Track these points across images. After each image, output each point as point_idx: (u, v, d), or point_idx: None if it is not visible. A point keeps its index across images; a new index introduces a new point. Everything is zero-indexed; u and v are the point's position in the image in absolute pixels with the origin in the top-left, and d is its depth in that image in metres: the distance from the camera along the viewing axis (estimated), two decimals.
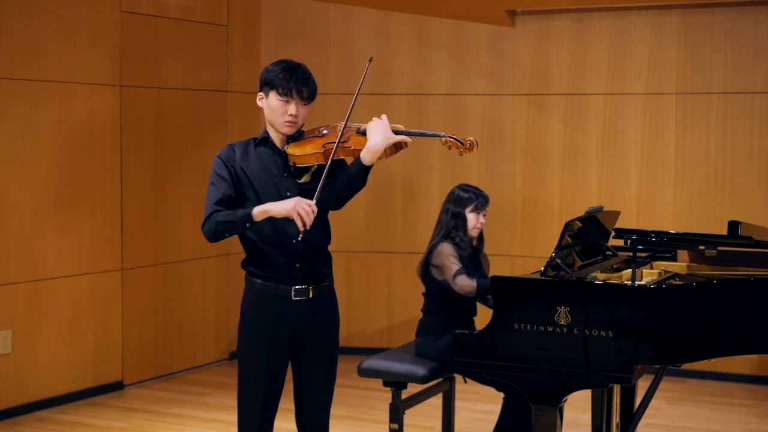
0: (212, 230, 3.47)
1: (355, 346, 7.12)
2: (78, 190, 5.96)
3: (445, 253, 4.54)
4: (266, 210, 3.40)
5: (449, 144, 3.55)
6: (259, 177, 3.52)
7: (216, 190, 3.51)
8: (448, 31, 7.07)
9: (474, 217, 4.65)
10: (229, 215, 3.44)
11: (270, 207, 3.40)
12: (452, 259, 4.52)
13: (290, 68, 3.51)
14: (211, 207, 3.50)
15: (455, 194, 4.70)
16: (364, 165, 3.45)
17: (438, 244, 4.61)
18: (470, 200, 4.65)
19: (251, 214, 3.41)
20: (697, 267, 4.45)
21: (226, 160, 3.54)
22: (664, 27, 6.62)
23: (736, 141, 6.51)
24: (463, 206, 4.64)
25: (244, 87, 7.07)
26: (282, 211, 3.38)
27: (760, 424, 5.64)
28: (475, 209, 4.64)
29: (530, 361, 3.66)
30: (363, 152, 3.45)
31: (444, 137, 3.54)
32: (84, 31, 5.97)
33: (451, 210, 4.67)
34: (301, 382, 3.64)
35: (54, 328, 5.87)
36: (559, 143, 6.88)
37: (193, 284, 6.78)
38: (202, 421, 5.67)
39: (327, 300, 3.63)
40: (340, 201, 3.56)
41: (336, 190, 3.51)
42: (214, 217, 3.47)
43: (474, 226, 4.66)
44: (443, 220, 4.69)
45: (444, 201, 4.76)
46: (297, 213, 3.34)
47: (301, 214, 3.34)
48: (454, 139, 3.53)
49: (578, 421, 5.58)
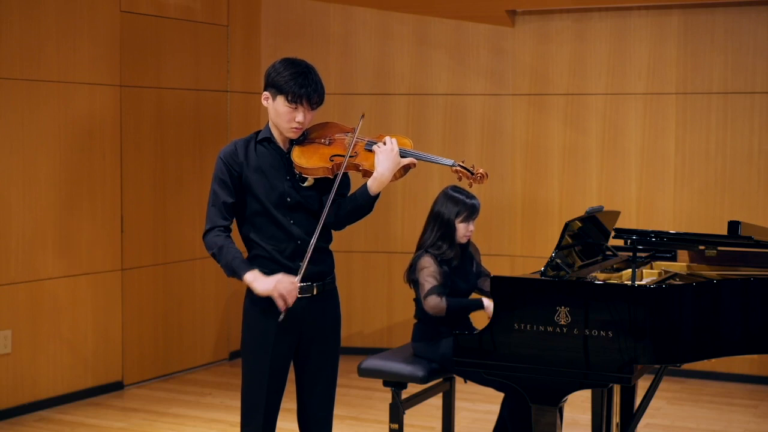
0: (209, 251, 3.52)
1: (355, 346, 7.12)
2: (78, 190, 5.96)
3: (424, 270, 4.48)
4: (251, 283, 3.44)
5: (459, 174, 3.53)
6: (262, 179, 3.51)
7: (216, 197, 3.51)
8: (448, 31, 7.07)
9: (464, 227, 4.56)
10: (224, 256, 3.46)
11: (254, 284, 3.43)
12: (428, 278, 4.45)
13: (301, 74, 3.44)
14: (213, 218, 3.51)
15: (445, 201, 4.59)
16: (371, 195, 3.46)
17: (420, 258, 4.54)
18: (460, 211, 4.54)
19: (241, 277, 3.45)
20: (697, 267, 4.45)
21: (229, 163, 3.51)
22: (664, 27, 6.62)
23: (736, 141, 6.51)
24: (452, 215, 4.54)
25: (244, 87, 7.07)
26: (263, 291, 3.42)
27: (760, 424, 5.64)
28: (464, 219, 4.55)
29: (530, 361, 3.66)
30: (370, 182, 3.45)
31: (454, 166, 3.51)
32: (84, 31, 5.97)
33: (439, 219, 4.56)
34: (304, 378, 3.64)
35: (54, 328, 5.87)
36: (559, 143, 6.88)
37: (193, 284, 6.78)
38: (202, 421, 5.67)
39: (330, 297, 3.64)
40: (343, 225, 3.59)
41: (341, 216, 3.53)
42: (214, 242, 3.48)
43: (464, 235, 4.57)
44: (430, 229, 4.59)
45: (433, 203, 4.65)
46: (278, 293, 3.38)
47: (283, 294, 3.38)
48: (464, 168, 3.50)
49: (578, 421, 5.58)
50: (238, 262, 3.46)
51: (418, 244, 4.66)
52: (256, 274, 3.44)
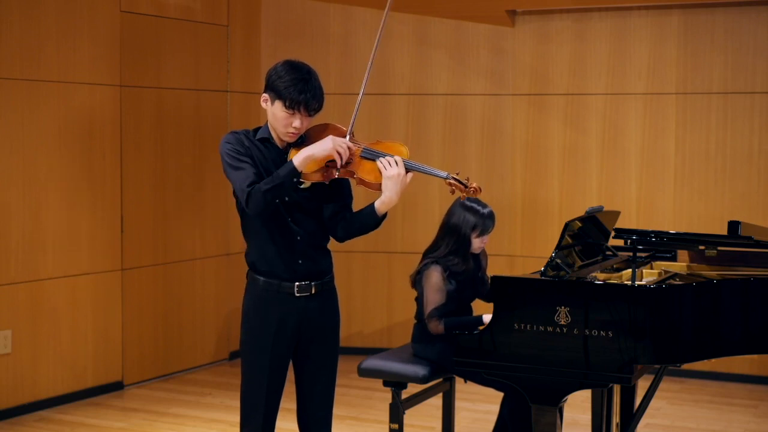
0: (261, 203, 3.38)
1: (355, 346, 7.12)
2: (78, 190, 5.96)
3: (428, 284, 4.46)
4: (307, 156, 3.39)
5: (453, 187, 3.49)
6: (261, 176, 3.51)
7: (244, 171, 3.42)
8: (448, 31, 7.07)
9: (479, 241, 4.53)
10: (271, 180, 3.38)
11: (310, 153, 3.39)
12: (430, 296, 4.44)
13: (301, 80, 3.43)
14: (245, 185, 3.39)
15: (462, 213, 4.52)
16: (378, 216, 3.51)
17: (427, 268, 4.50)
18: (477, 225, 4.50)
19: (295, 168, 3.38)
20: (697, 267, 4.45)
21: (237, 144, 3.49)
22: (664, 27, 6.62)
23: (736, 141, 6.51)
24: (469, 229, 4.50)
25: (244, 87, 7.07)
26: (322, 152, 3.40)
27: (760, 424, 5.64)
28: (480, 233, 4.52)
29: (530, 361, 3.66)
30: (378, 204, 3.48)
31: (447, 178, 3.48)
32: (84, 31, 5.97)
33: (455, 233, 4.50)
34: (303, 378, 3.65)
35: (54, 328, 5.87)
36: (559, 143, 6.88)
37: (193, 284, 6.78)
38: (202, 421, 5.67)
39: (329, 295, 3.65)
40: (348, 239, 3.63)
41: (350, 232, 3.58)
42: (257, 189, 3.37)
43: (479, 247, 4.56)
44: (445, 243, 4.53)
45: (448, 213, 4.59)
46: (336, 152, 3.40)
47: (340, 152, 3.41)
48: (458, 182, 3.46)
49: (578, 421, 5.58)
50: (281, 168, 3.40)
51: (426, 250, 4.61)
52: (301, 150, 3.41)
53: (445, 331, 4.44)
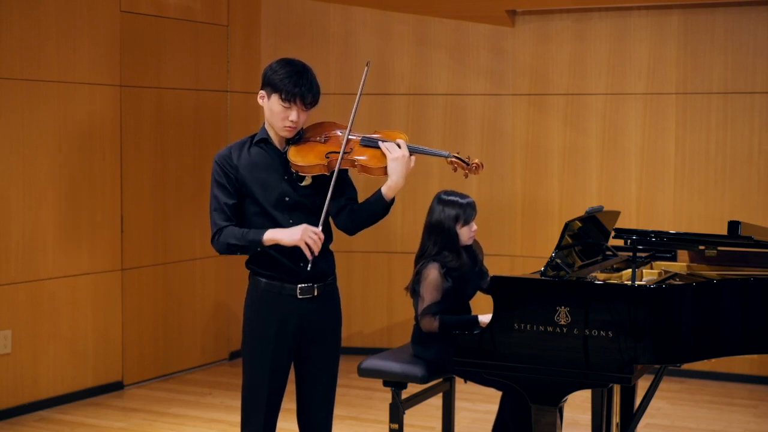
0: (224, 249, 3.54)
1: (355, 346, 7.12)
2: (78, 190, 5.96)
3: (426, 281, 4.41)
4: (274, 239, 3.45)
5: (455, 165, 3.56)
6: (259, 180, 3.52)
7: (217, 201, 3.54)
8: (448, 31, 7.07)
9: (466, 231, 4.47)
10: (239, 238, 3.48)
11: (278, 237, 3.45)
12: (427, 293, 4.39)
13: (296, 73, 3.46)
14: (217, 221, 3.53)
15: (441, 208, 4.48)
16: (386, 201, 3.50)
17: (425, 266, 4.45)
18: (459, 215, 4.44)
19: (261, 241, 3.46)
20: (697, 267, 4.45)
21: (224, 166, 3.54)
22: (664, 27, 6.62)
23: (736, 141, 6.51)
24: (452, 222, 4.44)
25: (244, 87, 7.07)
26: (290, 241, 3.43)
27: (760, 424, 5.64)
28: (465, 222, 4.46)
29: (530, 361, 3.66)
30: (385, 189, 3.49)
31: (449, 157, 3.54)
32: (84, 31, 5.97)
33: (439, 229, 4.45)
34: (304, 378, 3.65)
35: (54, 328, 5.87)
36: (559, 143, 6.88)
37: (193, 284, 6.78)
38: (202, 421, 5.67)
39: (331, 297, 3.66)
40: (358, 231, 3.62)
41: (357, 223, 3.57)
42: (225, 236, 3.50)
43: (468, 237, 4.50)
44: (432, 242, 4.47)
45: (429, 212, 4.54)
46: (304, 243, 3.40)
47: (309, 243, 3.40)
48: (459, 159, 3.52)
49: (578, 421, 5.58)
50: (251, 234, 3.48)
51: (416, 256, 4.55)
52: (275, 231, 3.46)
53: (439, 329, 4.40)
